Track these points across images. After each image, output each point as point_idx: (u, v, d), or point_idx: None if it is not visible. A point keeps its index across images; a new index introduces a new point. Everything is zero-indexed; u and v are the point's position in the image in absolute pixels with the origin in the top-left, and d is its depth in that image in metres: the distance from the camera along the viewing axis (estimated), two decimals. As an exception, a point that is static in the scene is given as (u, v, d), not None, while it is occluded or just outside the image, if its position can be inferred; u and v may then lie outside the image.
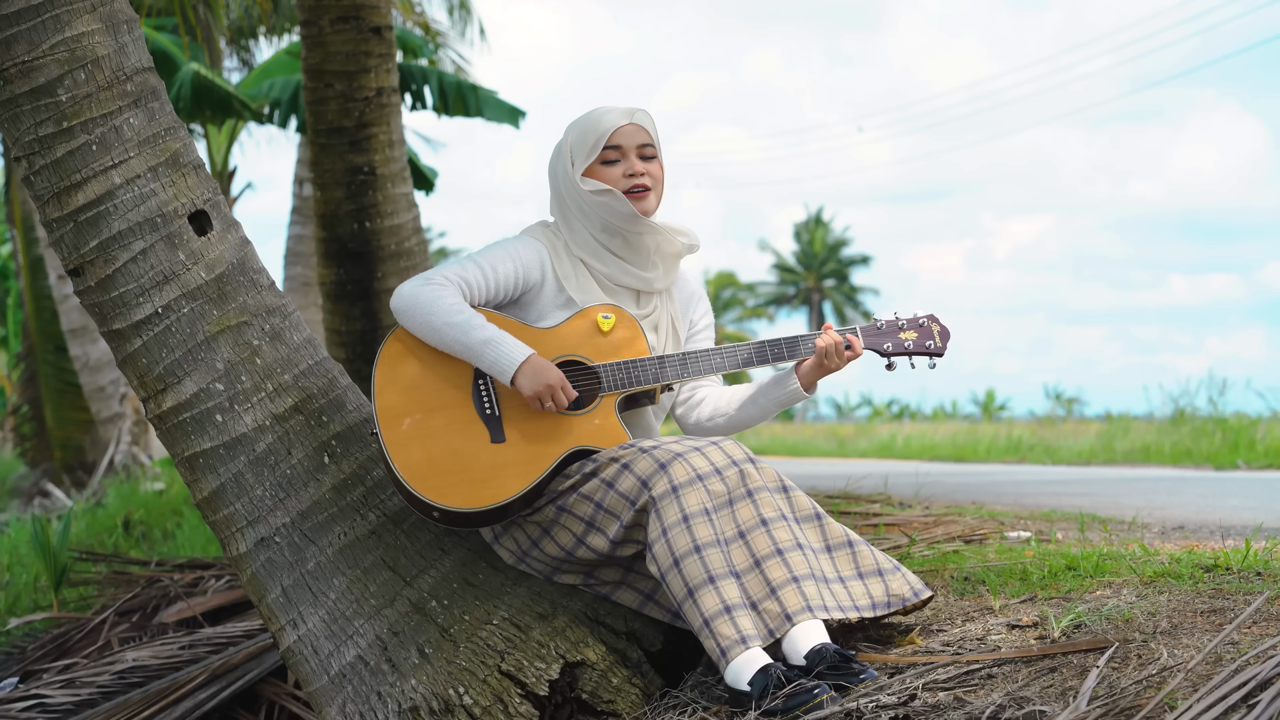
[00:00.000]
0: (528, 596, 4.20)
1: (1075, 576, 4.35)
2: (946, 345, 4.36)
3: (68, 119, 4.16)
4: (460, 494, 4.05)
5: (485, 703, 3.98)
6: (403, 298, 4.12)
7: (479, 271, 4.18)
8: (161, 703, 5.25)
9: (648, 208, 4.27)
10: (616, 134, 4.25)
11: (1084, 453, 16.57)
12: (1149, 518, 6.74)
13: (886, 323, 4.35)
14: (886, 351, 4.32)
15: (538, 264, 4.25)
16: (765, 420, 4.45)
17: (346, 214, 7.72)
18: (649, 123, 4.30)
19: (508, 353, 4.04)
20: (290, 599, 4.22)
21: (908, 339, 4.33)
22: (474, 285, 4.16)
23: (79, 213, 4.18)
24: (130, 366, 4.26)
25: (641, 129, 4.28)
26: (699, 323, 4.53)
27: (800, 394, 4.30)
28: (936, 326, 4.36)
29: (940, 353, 4.35)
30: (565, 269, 4.27)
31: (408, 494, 4.06)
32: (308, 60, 7.64)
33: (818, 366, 4.25)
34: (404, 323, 4.14)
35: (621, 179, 4.24)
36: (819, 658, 3.70)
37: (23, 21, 4.12)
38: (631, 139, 4.26)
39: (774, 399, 4.35)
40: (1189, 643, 3.52)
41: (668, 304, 4.41)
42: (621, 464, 4.01)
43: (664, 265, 4.37)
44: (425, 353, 4.15)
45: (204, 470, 4.25)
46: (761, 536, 3.90)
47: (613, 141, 4.25)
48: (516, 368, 4.03)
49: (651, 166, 4.28)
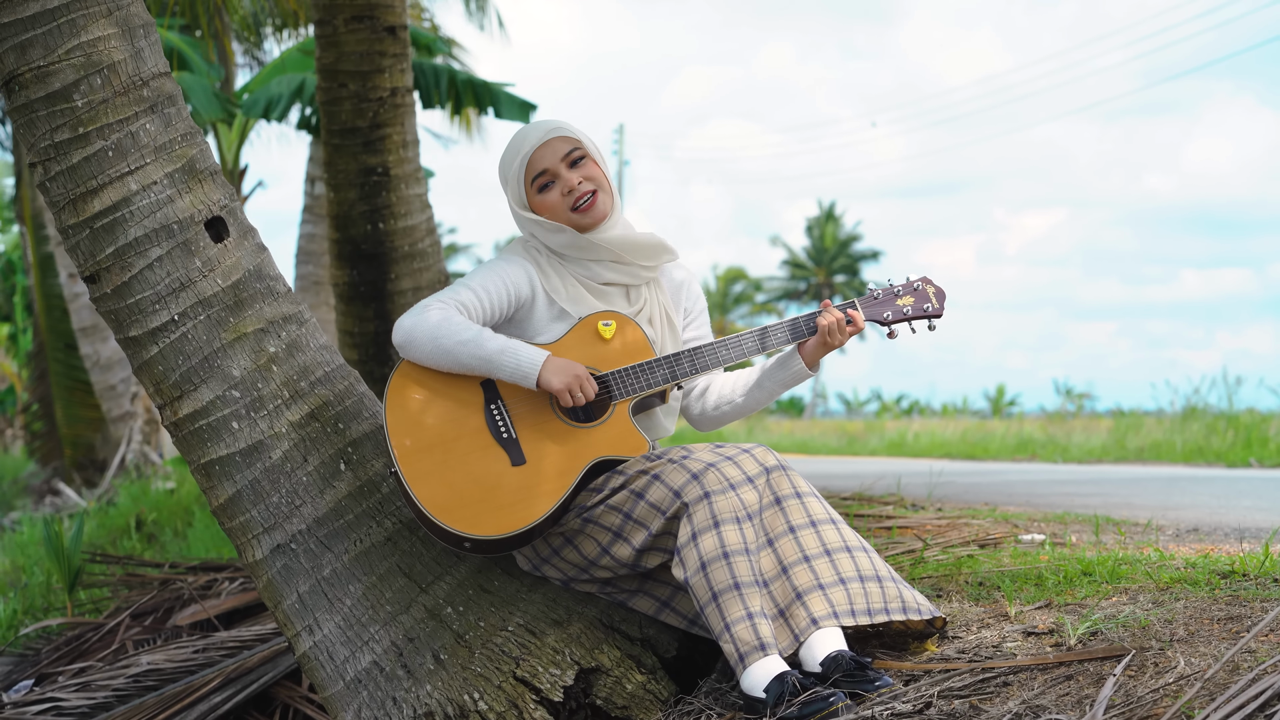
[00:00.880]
0: (543, 603, 4.21)
1: (1091, 582, 4.35)
2: (943, 305, 4.38)
3: (83, 124, 4.16)
4: (490, 521, 4.03)
5: (500, 708, 3.98)
6: (404, 329, 4.08)
7: (472, 295, 4.16)
8: (176, 706, 5.26)
9: (599, 213, 4.24)
10: (535, 159, 4.22)
11: (1095, 450, 16.56)
12: (1162, 519, 6.72)
13: (883, 291, 4.36)
14: (886, 320, 4.34)
15: (526, 280, 4.23)
16: (771, 402, 4.46)
17: (360, 215, 7.71)
18: (567, 129, 4.27)
19: (527, 356, 4.04)
20: (306, 605, 4.22)
21: (905, 305, 4.35)
22: (470, 307, 4.14)
23: (95, 219, 4.18)
24: (146, 373, 4.27)
25: (559, 139, 4.24)
26: (693, 309, 4.50)
27: (805, 373, 4.33)
28: (931, 288, 4.38)
29: (939, 313, 4.37)
30: (554, 283, 4.25)
31: (435, 528, 4.03)
32: (322, 60, 7.64)
33: (822, 345, 4.26)
34: (411, 354, 4.10)
35: (560, 200, 4.22)
36: (835, 665, 3.70)
37: (38, 26, 4.12)
38: (554, 155, 4.22)
39: (779, 380, 4.36)
40: (1206, 651, 3.52)
41: (658, 294, 4.38)
42: (652, 475, 4.00)
43: (645, 253, 4.34)
44: (432, 384, 4.12)
45: (220, 477, 4.25)
46: (789, 543, 3.91)
47: (537, 168, 4.22)
48: (540, 367, 4.03)
49: (586, 169, 4.25)
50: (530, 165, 4.23)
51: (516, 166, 4.23)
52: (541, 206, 4.23)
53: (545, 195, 4.22)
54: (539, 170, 4.22)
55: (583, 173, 4.23)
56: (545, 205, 4.23)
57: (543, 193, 4.23)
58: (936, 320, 4.38)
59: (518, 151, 4.24)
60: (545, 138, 4.23)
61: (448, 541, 4.07)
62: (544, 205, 4.23)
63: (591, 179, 4.24)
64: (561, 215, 4.22)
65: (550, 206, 4.22)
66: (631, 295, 4.35)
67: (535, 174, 4.23)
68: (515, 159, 4.24)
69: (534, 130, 4.24)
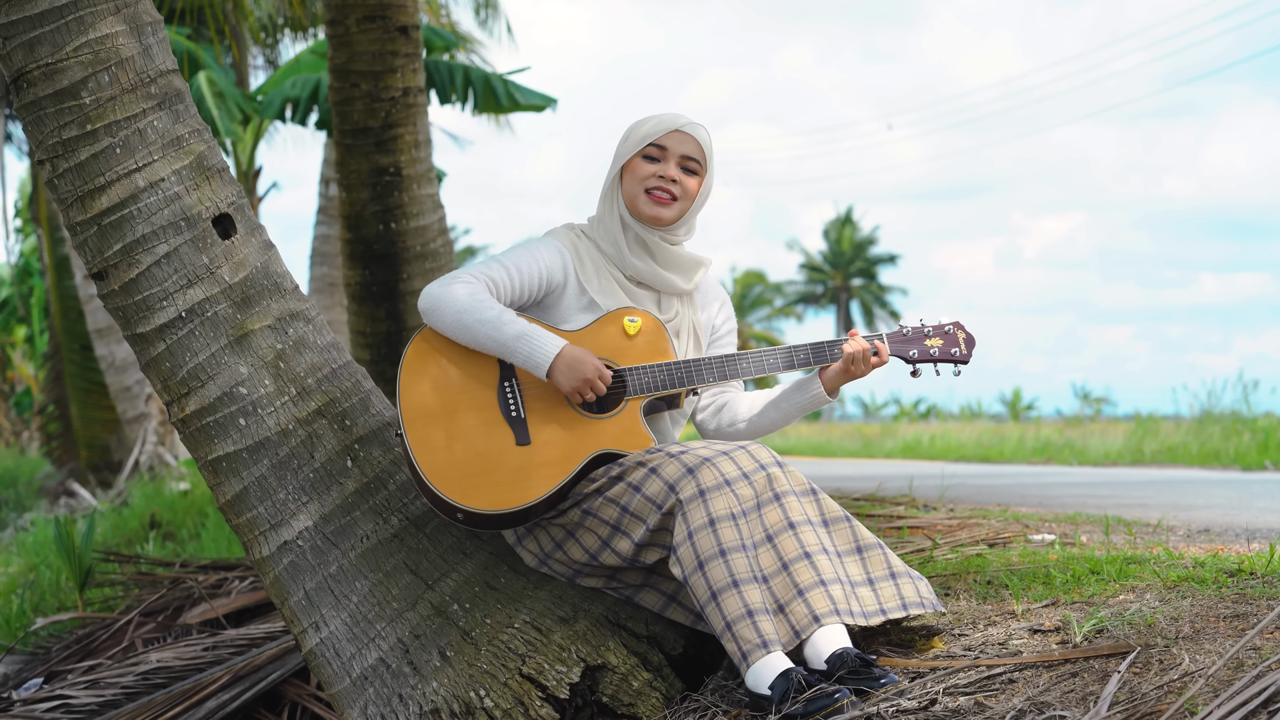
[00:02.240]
0: (549, 600, 4.21)
1: (1099, 580, 4.34)
2: (972, 353, 4.36)
3: (91, 122, 4.16)
4: (485, 496, 4.04)
5: (506, 705, 3.98)
6: (431, 296, 4.11)
7: (504, 271, 4.18)
8: (185, 703, 5.27)
9: (663, 215, 4.25)
10: (667, 135, 4.24)
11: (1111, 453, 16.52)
12: (1174, 520, 6.70)
13: (913, 329, 4.35)
14: (912, 359, 4.32)
15: (560, 266, 4.25)
16: (788, 424, 4.45)
17: (372, 215, 7.72)
18: (704, 138, 4.28)
19: (542, 346, 4.04)
20: (313, 602, 4.22)
21: (933, 346, 4.33)
22: (500, 284, 4.16)
23: (103, 216, 4.19)
24: (154, 370, 4.27)
25: (693, 140, 4.26)
26: (721, 328, 4.50)
27: (824, 398, 4.30)
28: (962, 334, 4.36)
29: (965, 360, 4.36)
30: (588, 271, 4.26)
31: (432, 495, 4.06)
32: (334, 60, 7.65)
33: (844, 372, 4.25)
34: (432, 322, 4.13)
35: (651, 178, 4.24)
36: (840, 662, 3.70)
37: (47, 23, 4.13)
38: (679, 146, 4.25)
39: (797, 404, 4.35)
40: (1211, 648, 3.51)
41: (689, 309, 4.39)
42: (649, 468, 4.00)
43: (682, 269, 4.35)
44: (451, 354, 4.14)
45: (228, 474, 4.25)
46: (789, 540, 3.89)
47: (661, 141, 4.24)
48: (551, 361, 4.03)
49: (688, 180, 4.27)
50: (660, 138, 4.25)
51: (649, 130, 4.26)
52: (631, 167, 4.27)
53: (644, 162, 4.25)
54: (660, 145, 4.25)
55: (684, 179, 4.26)
56: (634, 168, 4.26)
57: (645, 160, 4.25)
58: (963, 366, 4.37)
59: (660, 119, 4.27)
60: (690, 130, 4.26)
61: (441, 510, 4.09)
62: (633, 167, 4.26)
63: (686, 191, 4.27)
64: (637, 186, 4.25)
65: (637, 171, 4.26)
66: (663, 304, 4.35)
67: (654, 144, 4.25)
68: (654, 124, 4.26)
69: (688, 119, 4.27)
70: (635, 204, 4.25)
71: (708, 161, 4.29)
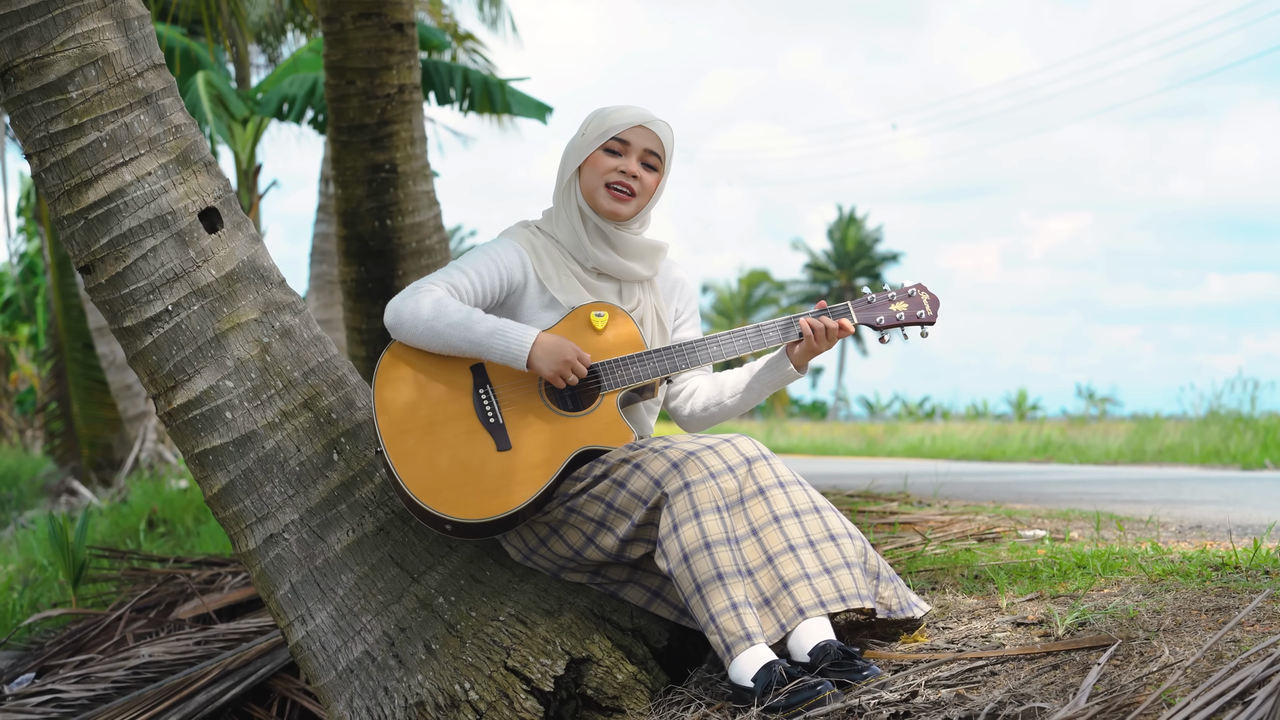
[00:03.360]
0: (534, 593, 4.21)
1: (1085, 575, 4.34)
2: (937, 312, 4.38)
3: (78, 116, 4.17)
4: (472, 505, 4.04)
5: (491, 698, 3.99)
6: (395, 310, 4.10)
7: (464, 277, 4.17)
8: (175, 697, 5.27)
9: (621, 211, 4.26)
10: (631, 130, 4.24)
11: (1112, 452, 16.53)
12: (1168, 517, 6.71)
13: (877, 296, 4.37)
14: (879, 325, 4.34)
15: (519, 265, 4.25)
16: (759, 403, 4.47)
17: (368, 212, 7.71)
18: (667, 136, 4.29)
19: (517, 338, 4.04)
20: (299, 595, 4.23)
21: (899, 310, 4.35)
22: (462, 289, 4.16)
23: (89, 210, 4.19)
24: (141, 364, 4.28)
25: (655, 137, 4.26)
26: (684, 310, 4.52)
27: (794, 375, 4.34)
28: (925, 295, 4.39)
29: (932, 320, 4.37)
30: (547, 269, 4.26)
31: (419, 509, 4.05)
32: (329, 57, 7.64)
33: (809, 348, 4.27)
34: (401, 335, 4.12)
35: (612, 172, 4.24)
36: (823, 654, 3.71)
37: (33, 18, 4.13)
38: (642, 141, 4.25)
39: (768, 383, 4.37)
40: (1191, 640, 3.51)
41: (651, 296, 4.40)
42: (633, 464, 4.01)
43: (643, 257, 4.36)
44: (422, 366, 4.14)
45: (214, 467, 4.26)
46: (774, 533, 3.91)
47: (624, 136, 4.24)
48: (529, 350, 4.03)
49: (648, 177, 4.27)
50: (622, 133, 4.24)
51: (611, 125, 4.24)
52: (592, 160, 4.26)
53: (606, 156, 4.24)
54: (623, 140, 4.24)
55: (644, 175, 4.26)
56: (595, 161, 4.25)
57: (606, 154, 4.24)
58: (929, 327, 4.38)
59: (621, 113, 4.25)
60: (654, 126, 4.26)
61: (429, 523, 4.08)
62: (594, 160, 4.25)
63: (644, 188, 4.28)
64: (598, 180, 4.24)
65: (599, 165, 4.25)
66: (624, 293, 4.35)
67: (617, 138, 4.24)
68: (615, 118, 4.25)
69: (652, 115, 4.27)
70: (594, 197, 4.25)
71: (667, 158, 4.30)
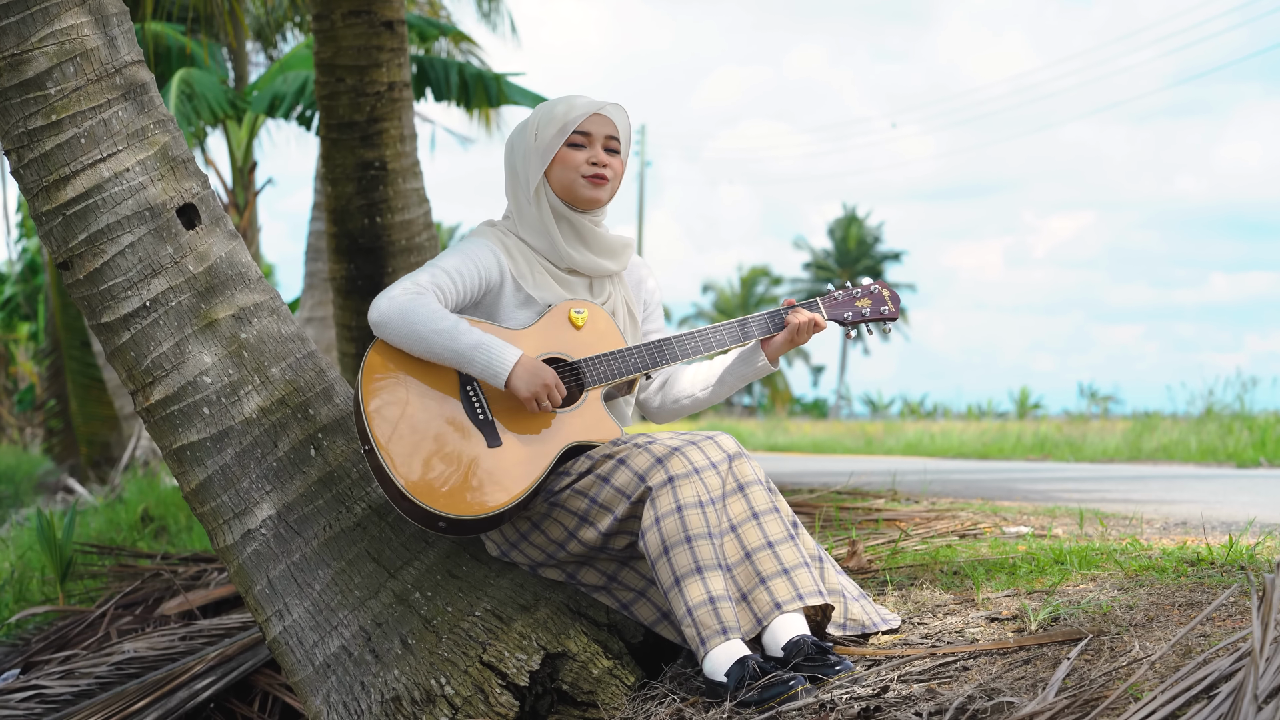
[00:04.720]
0: (510, 588, 4.22)
1: (1062, 571, 4.35)
2: (898, 308, 4.51)
3: (56, 112, 4.18)
4: (466, 502, 4.03)
5: (466, 693, 4.00)
6: (380, 310, 4.07)
7: (446, 278, 4.16)
8: (157, 693, 5.28)
9: (601, 197, 4.28)
10: (588, 121, 4.25)
11: (1109, 450, 16.52)
12: (1154, 514, 6.71)
13: (842, 293, 4.47)
14: (847, 320, 4.45)
15: (496, 265, 4.25)
16: (731, 394, 4.52)
17: (357, 209, 7.72)
18: (621, 118, 4.31)
19: (499, 355, 4.03)
20: (276, 590, 4.24)
21: (864, 306, 4.47)
22: (445, 291, 4.14)
23: (68, 206, 4.20)
24: (119, 359, 4.29)
25: (611, 122, 4.28)
26: (650, 301, 4.56)
27: (768, 368, 4.40)
28: (887, 292, 4.51)
29: (894, 317, 4.50)
30: (521, 268, 4.27)
31: (413, 507, 4.02)
32: (319, 55, 7.65)
33: (788, 342, 4.33)
34: (385, 335, 4.08)
35: (584, 164, 4.25)
36: (796, 649, 3.72)
37: (11, 14, 4.14)
38: (601, 128, 4.27)
39: (741, 376, 4.43)
40: (1162, 635, 3.52)
41: (620, 289, 4.42)
42: (617, 459, 4.02)
43: (613, 252, 4.38)
44: (408, 365, 4.11)
45: (192, 462, 4.27)
46: (753, 529, 3.94)
47: (583, 128, 4.25)
48: (510, 370, 4.02)
49: (613, 160, 4.29)
50: (582, 124, 4.26)
51: (570, 119, 4.25)
52: (562, 158, 4.25)
53: (574, 151, 4.25)
54: (584, 131, 4.26)
55: (611, 160, 4.28)
56: (565, 158, 4.25)
57: (572, 149, 4.25)
58: (891, 324, 4.50)
59: (574, 106, 4.26)
60: (608, 112, 4.29)
61: (422, 522, 4.06)
62: (565, 158, 4.25)
63: (615, 172, 4.30)
64: (572, 174, 4.24)
65: (568, 160, 4.25)
66: (595, 288, 4.37)
67: (578, 130, 4.26)
68: (571, 111, 4.26)
69: (604, 101, 4.29)
70: (573, 191, 4.26)
71: (625, 141, 4.33)
